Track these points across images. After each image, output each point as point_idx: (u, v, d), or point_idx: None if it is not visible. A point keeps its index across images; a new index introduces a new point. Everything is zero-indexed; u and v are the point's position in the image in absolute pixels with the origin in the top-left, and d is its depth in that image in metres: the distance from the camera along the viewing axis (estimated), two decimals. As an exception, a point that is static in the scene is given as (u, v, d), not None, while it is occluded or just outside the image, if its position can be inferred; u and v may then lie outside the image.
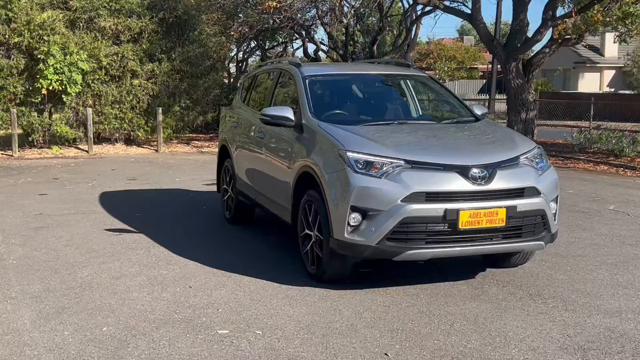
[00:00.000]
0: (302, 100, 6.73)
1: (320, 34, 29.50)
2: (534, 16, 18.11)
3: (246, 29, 22.90)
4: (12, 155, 17.17)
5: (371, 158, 5.63)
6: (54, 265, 6.67)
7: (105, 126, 18.30)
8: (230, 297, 5.67)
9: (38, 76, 16.94)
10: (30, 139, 17.89)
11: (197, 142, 20.81)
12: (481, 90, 48.81)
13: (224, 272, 6.39)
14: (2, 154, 17.44)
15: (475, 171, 5.55)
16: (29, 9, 17.09)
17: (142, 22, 18.17)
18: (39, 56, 16.87)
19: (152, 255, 7.02)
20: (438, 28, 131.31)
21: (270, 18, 22.31)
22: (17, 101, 17.41)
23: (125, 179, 13.14)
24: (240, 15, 22.40)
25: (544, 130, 22.55)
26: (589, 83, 45.10)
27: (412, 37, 45.90)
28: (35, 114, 17.66)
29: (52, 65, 16.75)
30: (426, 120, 6.84)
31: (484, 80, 49.83)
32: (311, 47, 27.66)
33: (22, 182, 12.65)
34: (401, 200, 5.43)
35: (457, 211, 5.44)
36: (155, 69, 18.43)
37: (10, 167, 15.07)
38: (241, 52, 29.51)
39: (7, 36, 16.93)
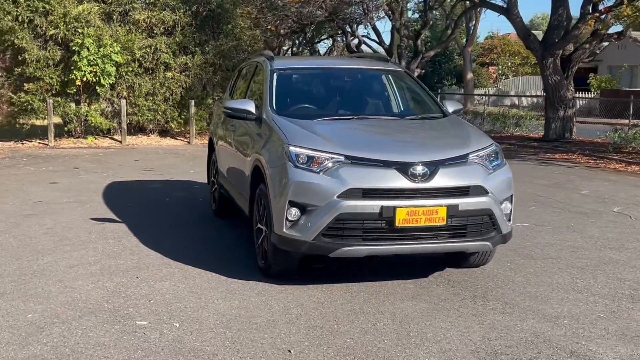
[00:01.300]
0: (265, 93, 6.71)
1: (366, 28, 29.31)
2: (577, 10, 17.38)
3: (288, 23, 22.95)
4: (47, 145, 17.68)
5: (312, 153, 5.57)
6: (20, 252, 6.83)
7: (139, 117, 18.65)
8: (169, 289, 5.70)
9: (72, 68, 17.38)
10: (66, 129, 18.38)
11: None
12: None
13: (179, 264, 6.43)
14: (39, 142, 17.98)
15: (415, 168, 5.43)
16: (66, 2, 17.51)
17: (176, 16, 18.41)
18: (73, 48, 17.31)
19: (120, 245, 7.12)
20: (501, 22, 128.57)
21: (312, 12, 22.32)
22: (54, 92, 17.89)
23: (142, 169, 13.37)
24: (279, 9, 22.42)
25: (587, 128, 21.93)
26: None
27: (471, 32, 45.27)
28: (73, 104, 18.12)
29: (86, 57, 17.15)
30: (389, 116, 6.72)
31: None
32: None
33: (42, 171, 13.01)
34: (337, 196, 5.35)
35: (394, 208, 5.34)
36: (188, 61, 18.67)
37: (40, 156, 15.51)
38: (293, 47, 29.69)
39: (44, 28, 17.41)
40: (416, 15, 32.32)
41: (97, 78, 17.49)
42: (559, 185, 11.67)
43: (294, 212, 5.49)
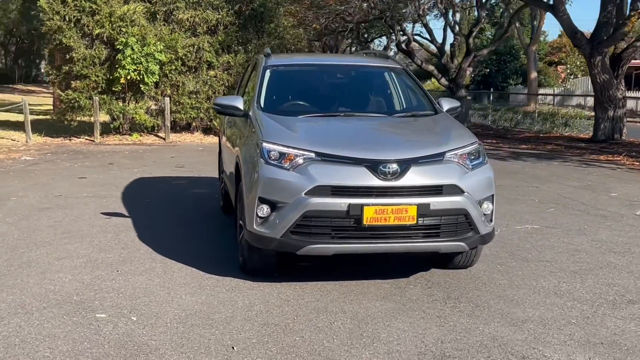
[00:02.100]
0: (255, 89, 6.72)
1: (417, 26, 28.98)
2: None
3: (334, 22, 22.91)
4: (93, 141, 18.13)
5: (284, 149, 5.54)
6: (18, 243, 7.01)
7: (182, 115, 18.93)
8: (143, 283, 5.76)
9: (117, 66, 17.76)
10: (112, 125, 18.81)
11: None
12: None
13: (165, 259, 6.48)
14: (86, 139, 18.46)
15: (385, 166, 5.33)
16: (113, 2, 17.92)
17: (219, 15, 18.61)
18: (118, 47, 17.69)
19: (116, 239, 7.23)
20: (576, 21, 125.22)
21: (358, 9, 22.21)
22: (99, 90, 18.33)
23: (174, 166, 13.56)
24: (324, 7, 22.41)
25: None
26: None
27: (535, 30, 44.24)
28: (120, 102, 18.54)
29: (129, 55, 17.51)
30: (376, 114, 6.60)
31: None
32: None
33: (76, 166, 13.35)
34: (305, 193, 5.31)
35: (362, 206, 5.26)
36: (231, 60, 18.85)
37: (82, 152, 15.93)
38: (351, 46, 29.63)
39: (90, 27, 17.86)
40: (472, 14, 31.74)
41: (141, 76, 17.84)
42: (589, 187, 11.29)
43: (265, 209, 5.47)
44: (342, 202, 5.28)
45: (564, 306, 5.35)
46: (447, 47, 28.74)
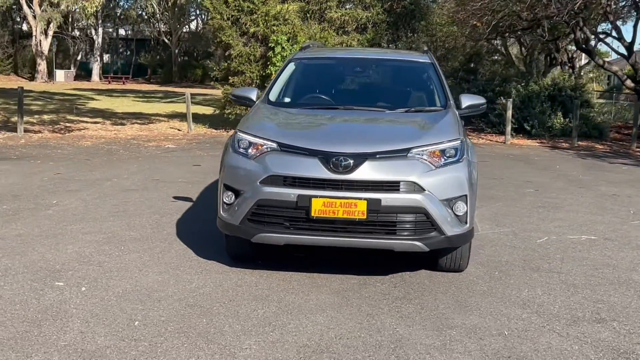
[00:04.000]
0: (271, 81, 6.91)
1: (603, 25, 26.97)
2: None
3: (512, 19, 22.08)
4: (245, 134, 19.11)
5: (253, 139, 5.68)
6: (69, 216, 7.72)
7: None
8: (129, 260, 6.14)
9: (269, 63, 18.58)
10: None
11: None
12: None
13: (175, 240, 6.85)
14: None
15: (337, 159, 5.28)
16: (270, 1, 18.77)
17: (369, 13, 18.81)
18: (271, 44, 18.50)
19: (156, 221, 7.69)
20: None
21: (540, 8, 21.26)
22: (254, 85, 19.25)
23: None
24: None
25: None
26: None
27: None
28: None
29: (279, 53, 18.24)
30: (377, 108, 6.44)
31: None
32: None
33: (206, 155, 14.26)
34: (260, 182, 5.41)
35: (310, 198, 5.26)
36: (378, 58, 18.96)
37: (221, 142, 16.87)
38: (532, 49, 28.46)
39: (247, 26, 18.85)
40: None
41: (291, 73, 18.48)
42: None
43: (230, 196, 5.64)
44: (291, 193, 5.32)
45: (514, 318, 4.98)
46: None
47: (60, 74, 51.45)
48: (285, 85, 6.86)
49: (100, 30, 56.84)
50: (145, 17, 63.22)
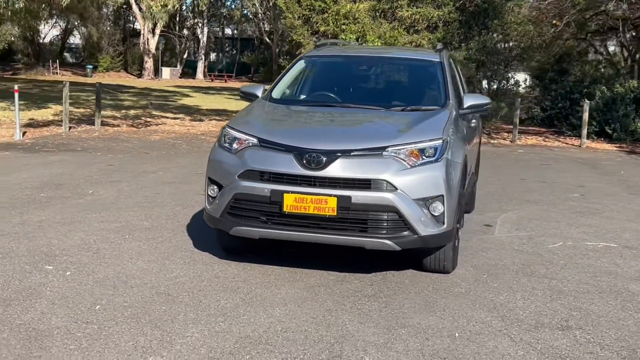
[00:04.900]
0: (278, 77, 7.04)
1: None
2: None
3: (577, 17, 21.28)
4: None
5: (238, 134, 5.81)
6: (96, 206, 8.08)
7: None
8: (122, 248, 6.36)
9: (337, 61, 18.69)
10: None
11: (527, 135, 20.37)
12: None
13: (181, 232, 7.06)
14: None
15: (310, 155, 5.34)
16: (341, 0, 18.88)
17: (440, 12, 18.60)
18: (339, 43, 18.61)
19: (175, 213, 7.96)
20: None
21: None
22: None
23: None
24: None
25: None
26: None
27: None
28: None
29: (347, 51, 18.32)
30: (372, 106, 6.37)
31: None
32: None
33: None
34: (238, 176, 5.55)
35: (282, 193, 5.35)
36: (450, 57, 18.72)
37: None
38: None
39: (318, 24, 19.03)
40: None
41: (359, 72, 18.54)
42: None
43: (214, 189, 5.79)
44: (265, 188, 5.41)
45: (474, 321, 4.90)
46: None
47: (166, 72, 53.33)
48: (291, 82, 6.96)
49: (205, 29, 58.44)
50: (250, 16, 64.53)
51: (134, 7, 47.91)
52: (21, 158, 12.00)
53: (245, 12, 64.76)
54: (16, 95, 14.75)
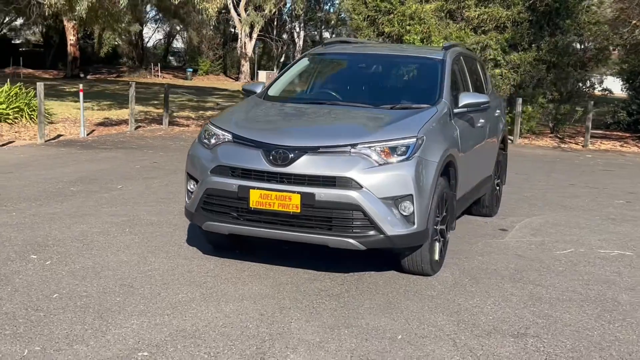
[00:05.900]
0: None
1: None
2: None
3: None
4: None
5: (217, 130, 5.84)
6: (106, 198, 8.31)
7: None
8: (115, 241, 6.49)
9: (402, 62, 18.48)
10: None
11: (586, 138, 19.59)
12: None
13: (181, 227, 7.14)
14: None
15: (276, 151, 5.31)
16: (408, 2, 18.66)
17: (509, 11, 18.07)
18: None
19: (177, 206, 7.74)
20: None
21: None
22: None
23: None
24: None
25: None
26: None
27: None
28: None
29: (412, 52, 18.08)
30: (361, 104, 6.21)
31: None
32: None
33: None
34: (210, 172, 5.58)
35: (248, 189, 5.34)
36: (516, 59, 18.16)
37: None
38: None
39: (383, 26, 18.89)
40: None
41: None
42: None
43: (193, 184, 5.84)
44: (233, 183, 5.41)
45: (426, 324, 4.74)
46: None
47: (262, 75, 54.22)
48: (291, 80, 6.93)
49: (302, 33, 59.10)
50: (346, 20, 64.82)
51: (232, 12, 48.92)
52: (74, 154, 12.46)
53: (342, 15, 65.08)
54: (81, 95, 15.36)
